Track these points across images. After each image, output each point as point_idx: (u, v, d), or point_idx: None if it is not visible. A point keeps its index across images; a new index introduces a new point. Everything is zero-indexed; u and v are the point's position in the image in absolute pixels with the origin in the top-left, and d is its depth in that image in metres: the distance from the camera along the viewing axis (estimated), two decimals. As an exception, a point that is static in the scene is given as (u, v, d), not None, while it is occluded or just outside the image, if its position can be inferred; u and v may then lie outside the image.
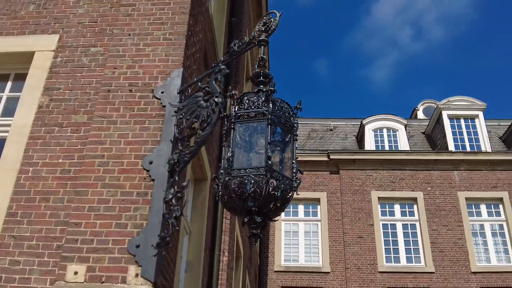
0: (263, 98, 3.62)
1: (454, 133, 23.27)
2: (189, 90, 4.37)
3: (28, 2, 5.69)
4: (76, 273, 3.96)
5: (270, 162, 3.38)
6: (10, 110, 5.19)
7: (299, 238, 20.44)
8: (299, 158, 16.13)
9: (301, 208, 20.85)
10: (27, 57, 5.29)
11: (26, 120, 4.89)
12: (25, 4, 5.68)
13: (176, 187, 3.91)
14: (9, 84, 5.45)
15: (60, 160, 4.63)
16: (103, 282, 3.91)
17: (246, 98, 3.71)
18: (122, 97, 4.72)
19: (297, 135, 3.86)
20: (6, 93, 5.39)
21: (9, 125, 5.00)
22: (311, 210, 20.88)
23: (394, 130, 23.57)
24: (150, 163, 4.23)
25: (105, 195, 4.25)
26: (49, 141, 4.75)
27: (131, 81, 4.80)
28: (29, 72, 5.19)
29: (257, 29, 3.95)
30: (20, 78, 5.31)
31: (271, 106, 3.57)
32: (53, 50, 5.27)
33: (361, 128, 23.83)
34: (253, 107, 3.62)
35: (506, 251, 20.53)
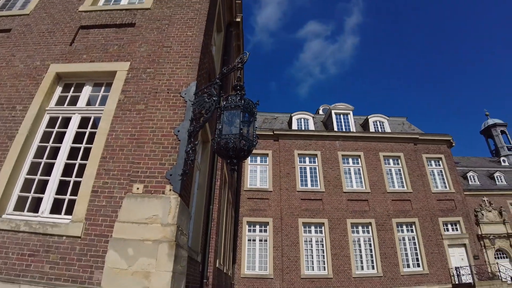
0: (238, 98, 3.68)
1: (337, 122, 23.53)
2: (199, 93, 4.34)
3: (114, 44, 5.52)
4: (138, 188, 3.97)
5: (241, 131, 3.45)
6: (103, 101, 5.05)
7: (257, 173, 20.59)
8: (258, 133, 16.10)
9: (258, 158, 20.96)
10: (113, 74, 5.16)
11: (112, 107, 4.80)
12: (111, 45, 5.50)
13: (191, 144, 3.95)
14: (102, 88, 5.28)
15: (130, 129, 4.54)
16: (152, 193, 3.90)
17: (230, 97, 3.75)
18: (164, 96, 4.65)
19: (256, 119, 3.89)
20: (101, 93, 5.24)
21: (102, 110, 4.87)
22: (263, 159, 20.98)
23: (307, 119, 23.75)
24: (178, 131, 4.25)
25: (154, 148, 4.21)
26: (124, 119, 4.66)
27: (168, 87, 4.72)
28: (114, 82, 5.07)
29: (236, 61, 3.96)
30: (108, 85, 5.17)
31: (243, 102, 3.64)
32: (126, 70, 5.13)
33: (291, 118, 23.94)
34: (233, 102, 3.68)
35: (361, 181, 21.01)
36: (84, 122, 5.03)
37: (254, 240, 18.63)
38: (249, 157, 20.44)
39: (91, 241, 3.81)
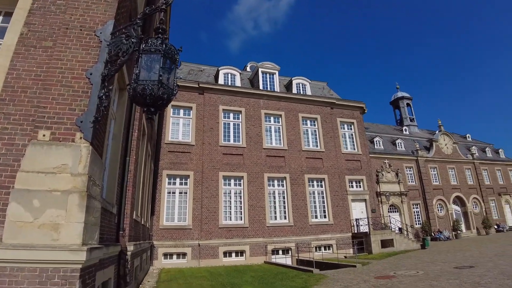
0: (160, 41, 3.45)
1: (263, 81, 23.75)
2: (117, 33, 3.94)
3: (13, -34, 4.62)
4: (44, 135, 3.60)
5: (161, 78, 3.26)
6: (1, 34, 4.35)
7: (179, 126, 20.07)
8: (183, 84, 15.60)
9: (181, 111, 20.31)
10: (13, 1, 4.39)
11: (12, 42, 4.14)
12: (10, -34, 4.61)
13: (105, 89, 3.63)
14: (0, 18, 4.50)
15: (34, 68, 4.00)
16: (60, 141, 3.58)
17: (150, 40, 3.49)
18: (76, 33, 4.12)
19: (178, 66, 3.68)
20: (-2, 23, 4.47)
21: (0, 44, 4.17)
22: (187, 112, 20.45)
23: (234, 75, 23.47)
24: (91, 74, 3.84)
25: (63, 91, 3.79)
26: (27, 56, 4.07)
27: (81, 24, 4.18)
28: (15, 11, 4.33)
29: (161, 2, 3.64)
30: (8, 14, 4.42)
31: (164, 46, 3.40)
32: (32, -1, 4.40)
33: (218, 72, 23.42)
34: (153, 46, 3.42)
35: (280, 139, 21.97)
36: (-25, 56, 4.31)
37: (173, 193, 18.63)
38: (171, 110, 19.93)
39: (-12, 194, 3.43)
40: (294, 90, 24.62)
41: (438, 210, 33.69)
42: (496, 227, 36.76)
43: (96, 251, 3.58)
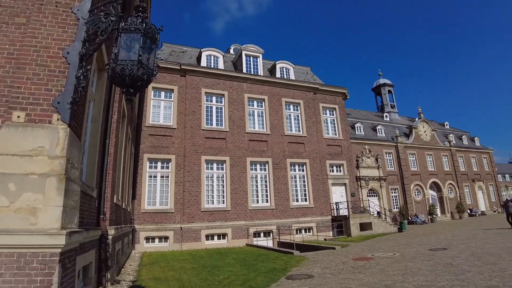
0: (140, 20, 3.32)
1: (246, 64, 23.51)
2: (95, 11, 3.77)
3: None
4: (18, 116, 3.45)
5: (140, 58, 3.17)
6: (-31, 8, 4.06)
7: (160, 109, 19.70)
8: (165, 66, 15.30)
9: (162, 93, 19.90)
10: (-18, -27, 4.10)
11: (-19, 17, 3.89)
12: None
13: (83, 69, 3.48)
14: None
15: (7, 46, 3.79)
16: (37, 122, 3.44)
17: (130, 18, 3.36)
18: (51, 10, 3.90)
19: (158, 46, 3.58)
20: (-35, -5, 4.17)
21: (-32, 18, 3.93)
22: (168, 95, 20.07)
23: (217, 57, 23.08)
24: (68, 53, 3.67)
25: (38, 70, 3.62)
26: (-1, 32, 3.84)
27: (57, 0, 3.97)
28: (-17, -15, 4.07)
29: None
30: (-23, -13, 4.13)
31: (144, 25, 3.29)
32: (2, -29, 4.13)
33: (200, 53, 22.99)
34: (133, 25, 3.29)
35: (262, 123, 21.97)
36: None
37: (155, 177, 18.46)
38: (152, 92, 19.54)
39: (-41, 177, 3.29)
40: (278, 74, 24.50)
41: (415, 195, 34.79)
42: (469, 211, 38.34)
43: (75, 235, 3.53)
